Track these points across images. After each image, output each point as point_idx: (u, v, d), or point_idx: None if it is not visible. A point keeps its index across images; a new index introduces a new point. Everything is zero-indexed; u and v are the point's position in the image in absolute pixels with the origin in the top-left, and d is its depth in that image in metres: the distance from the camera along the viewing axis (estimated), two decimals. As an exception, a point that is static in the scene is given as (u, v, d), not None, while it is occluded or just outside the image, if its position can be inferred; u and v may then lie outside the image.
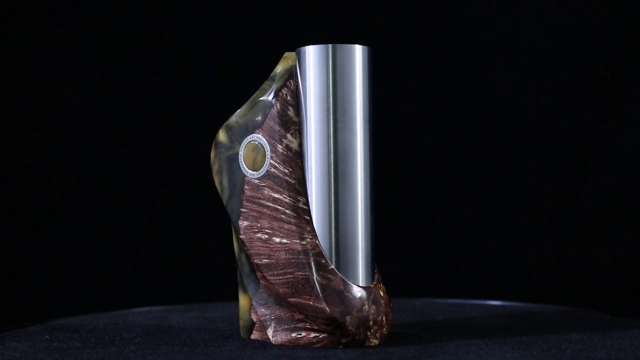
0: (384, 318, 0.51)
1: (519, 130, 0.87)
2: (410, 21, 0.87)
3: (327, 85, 0.51)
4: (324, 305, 0.50)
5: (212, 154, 0.54)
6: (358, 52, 0.51)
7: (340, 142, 0.51)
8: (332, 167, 0.51)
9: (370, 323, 0.50)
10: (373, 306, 0.50)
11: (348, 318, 0.50)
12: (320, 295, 0.50)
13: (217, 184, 0.54)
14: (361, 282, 0.51)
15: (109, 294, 0.85)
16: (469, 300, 0.72)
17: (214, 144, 0.54)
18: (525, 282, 0.86)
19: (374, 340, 0.51)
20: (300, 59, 0.52)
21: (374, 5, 0.87)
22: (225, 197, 0.53)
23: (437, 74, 0.88)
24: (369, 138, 0.52)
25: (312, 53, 0.51)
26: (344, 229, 0.51)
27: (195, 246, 0.87)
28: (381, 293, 0.51)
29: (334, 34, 0.84)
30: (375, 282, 0.51)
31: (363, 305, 0.50)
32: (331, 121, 0.51)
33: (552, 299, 0.81)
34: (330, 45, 0.51)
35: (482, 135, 0.87)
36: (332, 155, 0.51)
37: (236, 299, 0.59)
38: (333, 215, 0.51)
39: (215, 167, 0.54)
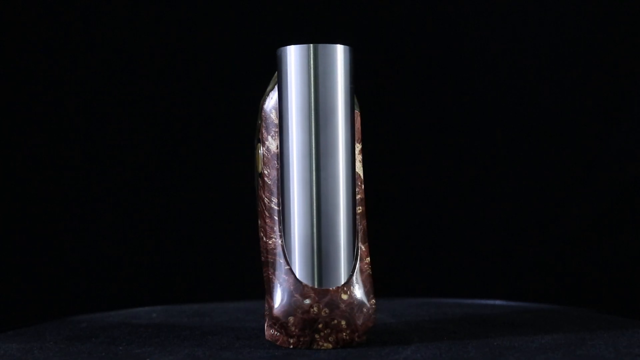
0: (343, 323, 0.50)
1: (519, 130, 0.86)
2: (398, 19, 0.87)
3: (309, 84, 0.51)
4: (272, 304, 0.51)
5: None
6: (340, 52, 0.51)
7: (322, 142, 0.51)
8: (314, 166, 0.51)
9: (320, 326, 0.50)
10: (325, 309, 0.50)
11: (291, 319, 0.50)
12: (272, 294, 0.51)
13: None
14: (323, 283, 0.51)
15: (110, 294, 0.85)
16: (469, 300, 0.72)
17: None
18: (525, 282, 0.86)
19: (325, 344, 0.51)
20: (281, 59, 0.51)
21: (363, 4, 0.87)
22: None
23: (435, 73, 0.87)
24: (351, 137, 0.52)
25: (293, 53, 0.51)
26: (326, 230, 0.51)
27: (198, 246, 0.87)
28: (344, 297, 0.51)
29: (332, 35, 0.84)
30: (341, 285, 0.51)
31: (311, 307, 0.50)
32: (312, 120, 0.51)
33: (552, 299, 0.81)
34: (311, 44, 0.51)
35: (480, 135, 0.87)
36: (313, 155, 0.51)
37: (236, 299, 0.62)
38: (315, 216, 0.51)
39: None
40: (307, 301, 0.50)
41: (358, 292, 0.51)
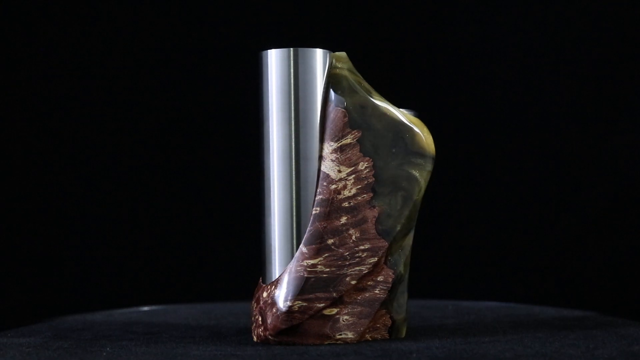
0: (259, 318, 0.52)
1: (519, 130, 0.86)
2: (398, 19, 0.87)
3: (289, 87, 0.51)
4: None
5: None
6: (320, 56, 0.51)
7: (302, 144, 0.51)
8: (293, 168, 0.51)
9: (252, 318, 0.52)
10: (254, 303, 0.52)
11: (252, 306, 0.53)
12: None
13: None
14: (264, 280, 0.53)
15: (110, 294, 0.86)
16: (468, 301, 0.72)
17: None
18: (524, 284, 0.86)
19: (254, 336, 0.52)
20: (262, 62, 0.52)
21: (364, 4, 0.87)
22: None
23: (433, 73, 0.88)
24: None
25: (274, 56, 0.51)
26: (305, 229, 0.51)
27: (199, 246, 0.88)
28: (264, 294, 0.52)
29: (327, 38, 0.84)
30: (268, 283, 0.52)
31: (253, 300, 0.53)
32: (292, 123, 0.51)
33: (551, 300, 0.81)
34: (291, 48, 0.51)
35: (480, 135, 0.87)
36: (293, 157, 0.51)
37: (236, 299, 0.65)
38: (294, 216, 0.51)
39: None
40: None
41: (276, 292, 0.51)
